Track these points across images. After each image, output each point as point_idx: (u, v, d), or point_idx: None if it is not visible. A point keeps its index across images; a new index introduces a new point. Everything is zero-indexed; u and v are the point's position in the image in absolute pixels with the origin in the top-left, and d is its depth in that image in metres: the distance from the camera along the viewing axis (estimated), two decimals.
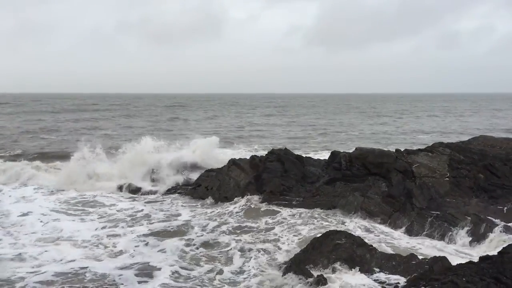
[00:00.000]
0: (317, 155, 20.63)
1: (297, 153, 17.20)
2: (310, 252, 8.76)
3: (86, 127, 39.17)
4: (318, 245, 8.85)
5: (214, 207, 14.21)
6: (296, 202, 13.57)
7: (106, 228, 11.96)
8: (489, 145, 15.36)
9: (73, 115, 53.78)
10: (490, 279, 6.16)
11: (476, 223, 10.84)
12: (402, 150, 15.18)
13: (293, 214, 12.81)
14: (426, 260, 8.12)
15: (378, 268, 8.06)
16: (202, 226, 12.05)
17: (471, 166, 13.42)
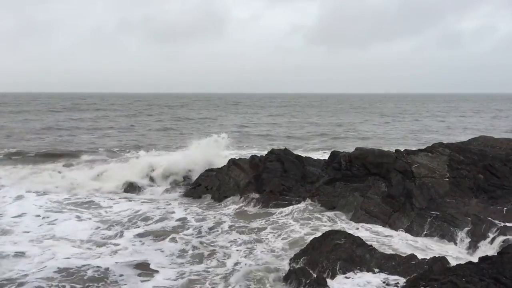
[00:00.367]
0: (317, 155, 20.61)
1: (298, 153, 17.21)
2: (310, 252, 8.75)
3: (86, 127, 39.17)
4: (318, 245, 8.85)
5: (212, 207, 14.23)
6: (295, 202, 13.56)
7: (103, 227, 12.01)
8: (489, 145, 15.35)
9: (85, 114, 53.80)
10: (490, 280, 6.16)
11: (476, 224, 10.84)
12: (402, 150, 15.18)
13: (289, 213, 12.78)
14: (426, 260, 8.12)
15: (377, 268, 8.05)
16: (199, 225, 12.08)
17: (471, 167, 13.41)
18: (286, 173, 14.97)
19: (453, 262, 8.02)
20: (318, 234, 10.11)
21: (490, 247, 9.94)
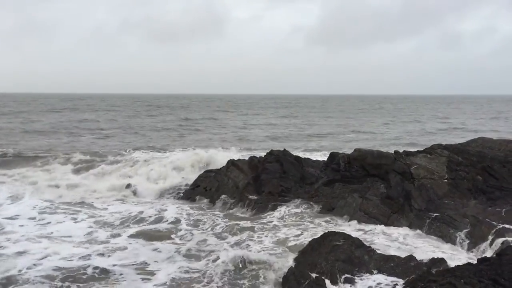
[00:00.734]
0: (317, 157, 20.57)
1: (297, 154, 17.19)
2: (309, 253, 8.76)
3: (85, 128, 39.15)
4: (317, 246, 8.85)
5: (208, 208, 14.28)
6: (294, 203, 13.54)
7: (99, 228, 12.06)
8: (487, 146, 15.38)
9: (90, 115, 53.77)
10: (488, 281, 6.16)
11: (474, 225, 10.85)
12: (401, 151, 15.20)
13: (282, 217, 12.73)
14: (425, 261, 8.13)
15: (376, 269, 8.06)
16: (193, 226, 12.21)
17: (470, 168, 13.44)
18: (285, 174, 14.96)
19: (451, 264, 8.03)
20: (307, 233, 10.29)
21: (489, 249, 9.95)
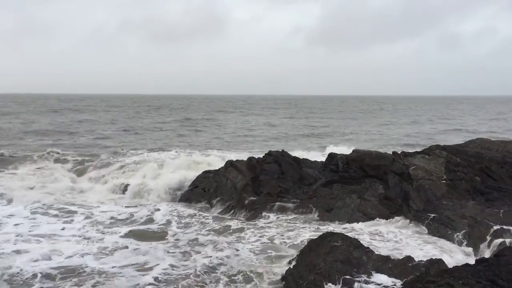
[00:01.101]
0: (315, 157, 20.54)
1: (295, 154, 17.18)
2: (307, 254, 8.75)
3: (84, 128, 39.09)
4: (315, 247, 8.84)
5: (204, 209, 14.34)
6: (292, 204, 13.53)
7: (94, 228, 12.17)
8: (485, 147, 15.42)
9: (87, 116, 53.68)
10: (486, 282, 6.16)
11: (472, 226, 10.86)
12: (399, 152, 15.21)
13: (274, 221, 12.70)
14: (423, 262, 8.13)
15: (374, 270, 8.05)
16: (185, 227, 12.33)
17: (468, 169, 13.45)
18: (284, 175, 14.95)
19: (450, 264, 8.03)
20: (300, 234, 10.45)
21: (487, 249, 9.96)
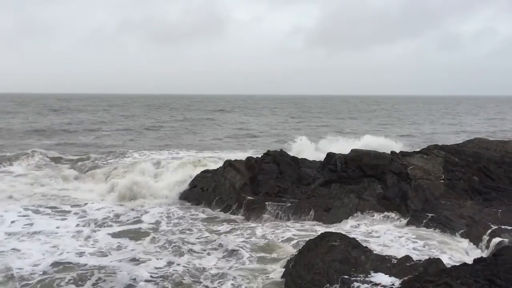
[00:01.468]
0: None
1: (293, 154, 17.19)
2: (306, 253, 8.75)
3: (83, 128, 39.02)
4: (314, 246, 8.84)
5: (199, 209, 14.35)
6: (291, 204, 13.53)
7: (88, 226, 12.20)
8: (483, 147, 15.45)
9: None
10: (484, 281, 6.17)
11: (470, 225, 10.88)
12: (398, 152, 15.23)
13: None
14: (421, 262, 8.13)
15: (373, 269, 8.05)
16: (177, 225, 12.40)
17: (466, 169, 13.48)
18: (282, 174, 14.95)
19: (448, 264, 8.04)
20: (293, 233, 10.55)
21: (485, 249, 9.97)
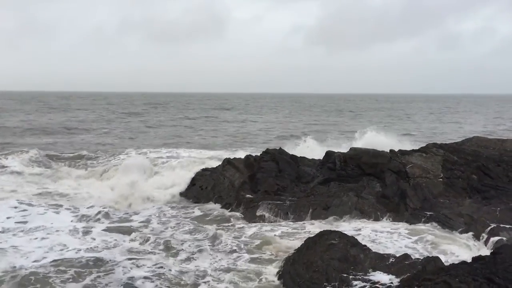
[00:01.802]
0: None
1: (293, 152, 17.15)
2: (304, 252, 8.76)
3: (82, 127, 38.98)
4: (312, 244, 8.85)
5: (198, 207, 14.29)
6: (290, 202, 13.53)
7: (83, 223, 12.21)
8: (482, 146, 15.46)
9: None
10: (483, 280, 6.17)
11: (469, 224, 10.89)
12: (396, 150, 15.23)
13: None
14: (420, 260, 8.14)
15: (372, 268, 8.06)
16: (181, 224, 12.31)
17: (465, 167, 13.49)
18: (281, 173, 14.94)
19: (446, 262, 8.04)
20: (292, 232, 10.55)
21: (484, 247, 9.99)
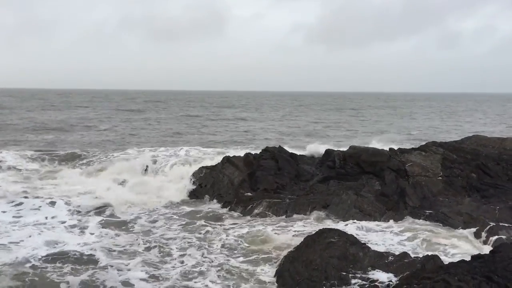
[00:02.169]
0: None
1: (292, 151, 17.15)
2: (304, 250, 8.76)
3: (81, 125, 38.91)
4: (312, 243, 8.85)
5: (197, 205, 14.26)
6: (289, 200, 13.54)
7: (80, 220, 12.24)
8: (481, 144, 15.45)
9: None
10: (482, 278, 6.18)
11: (468, 222, 10.90)
12: (396, 148, 15.23)
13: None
14: (419, 258, 8.15)
15: (371, 266, 8.07)
16: (180, 223, 12.31)
17: (464, 166, 13.49)
18: (280, 171, 14.94)
19: (445, 261, 8.06)
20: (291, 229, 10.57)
21: (483, 246, 9.99)
